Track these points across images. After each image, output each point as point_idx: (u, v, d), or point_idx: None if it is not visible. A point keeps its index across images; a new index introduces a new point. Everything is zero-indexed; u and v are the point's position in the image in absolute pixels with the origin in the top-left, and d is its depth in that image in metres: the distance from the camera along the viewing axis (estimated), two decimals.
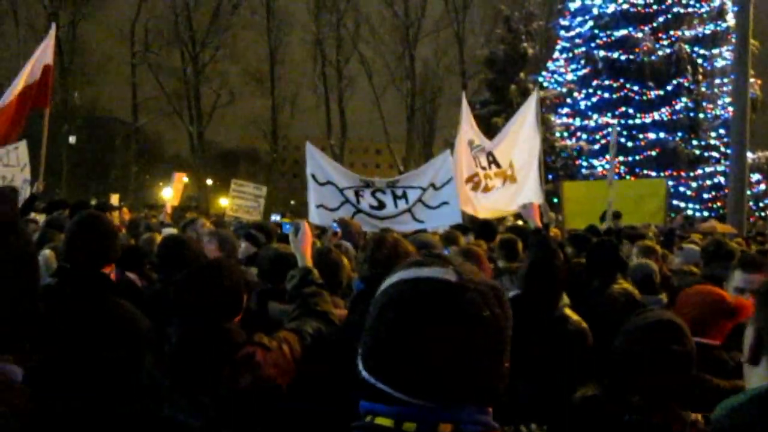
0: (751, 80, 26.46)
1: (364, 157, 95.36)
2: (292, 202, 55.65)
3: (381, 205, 10.71)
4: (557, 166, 32.68)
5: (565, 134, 34.90)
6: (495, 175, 12.53)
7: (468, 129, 12.45)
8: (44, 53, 12.27)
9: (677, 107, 32.66)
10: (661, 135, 32.50)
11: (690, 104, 32.85)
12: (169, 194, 19.61)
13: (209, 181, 55.58)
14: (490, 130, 15.97)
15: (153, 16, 53.72)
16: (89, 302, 3.44)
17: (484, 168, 12.37)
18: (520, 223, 13.97)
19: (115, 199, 19.33)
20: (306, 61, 56.94)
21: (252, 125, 59.76)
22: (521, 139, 12.75)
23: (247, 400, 2.99)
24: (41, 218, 10.71)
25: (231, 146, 74.26)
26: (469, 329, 1.44)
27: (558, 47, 37.75)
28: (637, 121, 32.66)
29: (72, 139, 50.40)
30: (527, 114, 12.91)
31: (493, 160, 12.49)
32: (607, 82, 33.46)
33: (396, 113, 55.37)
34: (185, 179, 20.76)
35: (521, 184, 12.47)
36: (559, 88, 35.86)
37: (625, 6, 33.51)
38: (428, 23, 55.41)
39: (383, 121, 54.35)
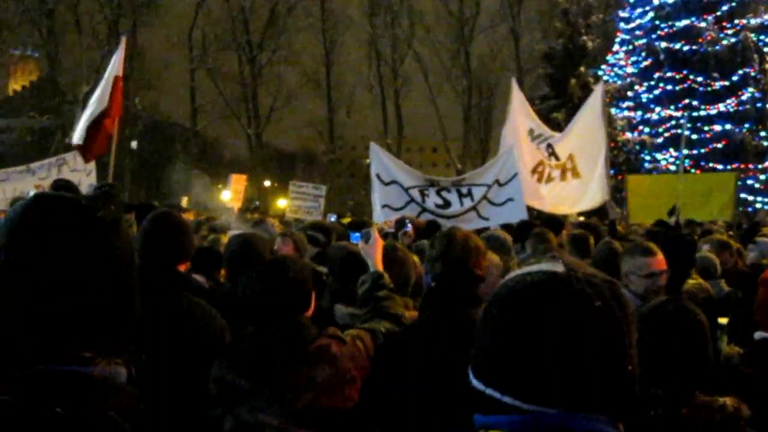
0: None
1: (420, 156, 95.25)
2: (350, 203, 55.78)
3: (446, 204, 10.65)
4: (620, 161, 32.10)
5: (627, 128, 34.28)
6: (555, 166, 12.38)
7: (525, 119, 12.33)
8: (114, 66, 12.52)
9: (743, 98, 31.77)
10: (728, 127, 31.56)
11: (757, 95, 31.95)
12: (227, 197, 19.84)
13: (267, 183, 56.16)
14: (550, 125, 15.75)
15: (210, 21, 54.60)
16: (165, 300, 3.42)
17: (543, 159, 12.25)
18: (582, 219, 13.75)
19: (184, 201, 19.59)
20: (361, 61, 57.22)
21: (308, 126, 60.28)
22: (583, 132, 12.53)
23: (326, 394, 2.92)
24: None
25: (288, 148, 74.96)
26: (580, 322, 1.29)
27: (617, 39, 37.04)
28: (702, 113, 31.79)
29: (134, 144, 51.47)
30: (593, 108, 12.66)
31: (552, 152, 12.33)
32: (669, 74, 32.70)
33: (452, 111, 55.18)
34: (245, 181, 20.92)
35: (586, 179, 12.25)
36: (619, 81, 35.21)
37: None
38: (483, 19, 55.05)
39: (439, 119, 54.18)
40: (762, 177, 31.26)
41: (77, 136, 11.84)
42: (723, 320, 5.70)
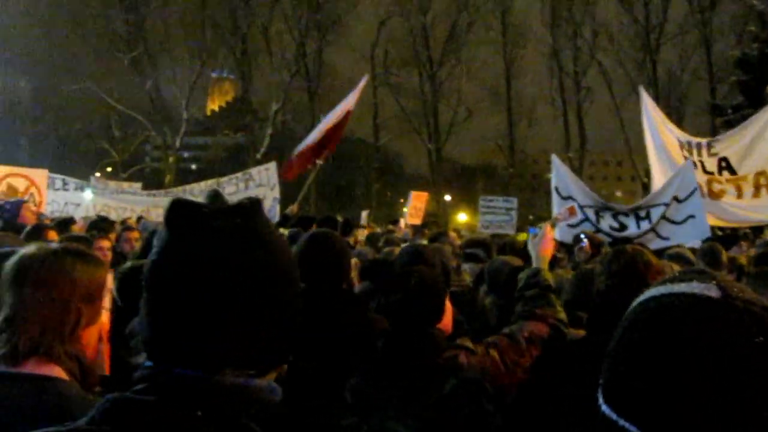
0: None
1: (604, 170, 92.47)
2: (530, 217, 54.97)
3: (622, 227, 10.24)
4: None
5: None
6: (727, 181, 11.56)
7: (673, 129, 11.74)
8: (351, 99, 12.81)
9: None
10: None
11: None
12: (408, 213, 20.05)
13: (448, 198, 56.48)
14: None
15: (392, 38, 55.92)
16: (353, 319, 3.49)
17: (710, 173, 11.49)
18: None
19: (365, 216, 20.03)
20: (542, 74, 56.40)
21: (489, 140, 60.08)
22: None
23: (454, 405, 2.87)
24: (285, 232, 11.29)
25: (468, 162, 75.04)
26: (737, 359, 1.09)
27: None
28: None
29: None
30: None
31: (726, 166, 11.53)
32: None
33: (638, 123, 52.92)
34: (426, 198, 21.01)
35: None
36: None
37: None
38: (671, 26, 52.56)
39: (624, 132, 52.23)
40: None
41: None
42: None
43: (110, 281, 2.29)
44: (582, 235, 8.14)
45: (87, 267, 2.18)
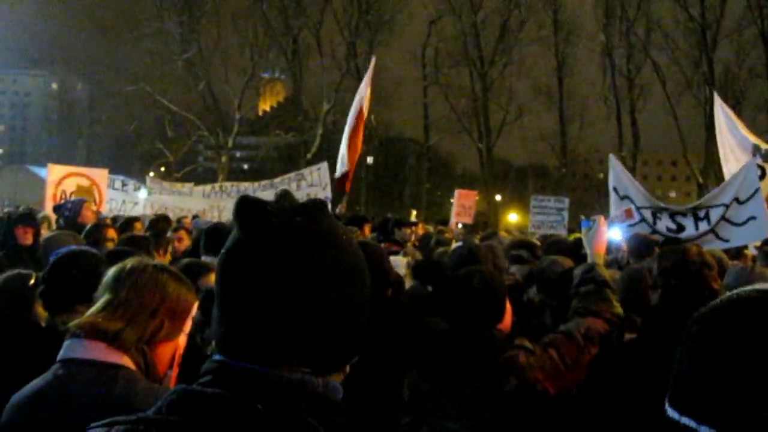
0: None
1: (658, 170, 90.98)
2: (582, 217, 54.30)
3: (680, 228, 10.01)
4: None
5: None
6: None
7: (746, 131, 11.40)
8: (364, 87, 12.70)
9: None
10: None
11: None
12: (455, 212, 19.94)
13: (498, 197, 56.12)
14: None
15: (442, 38, 55.73)
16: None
17: None
18: None
19: (413, 215, 20.03)
20: (595, 72, 55.62)
21: (540, 140, 59.53)
22: None
23: (513, 405, 2.87)
24: None
25: (519, 162, 74.54)
26: None
27: None
28: None
29: (369, 160, 53.60)
30: None
31: None
32: None
33: (693, 122, 51.99)
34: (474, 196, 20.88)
35: None
36: None
37: None
38: (728, 23, 51.36)
39: (679, 131, 51.29)
40: None
41: (339, 167, 12.06)
42: None
43: (195, 308, 2.44)
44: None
45: (178, 287, 2.38)
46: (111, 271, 2.39)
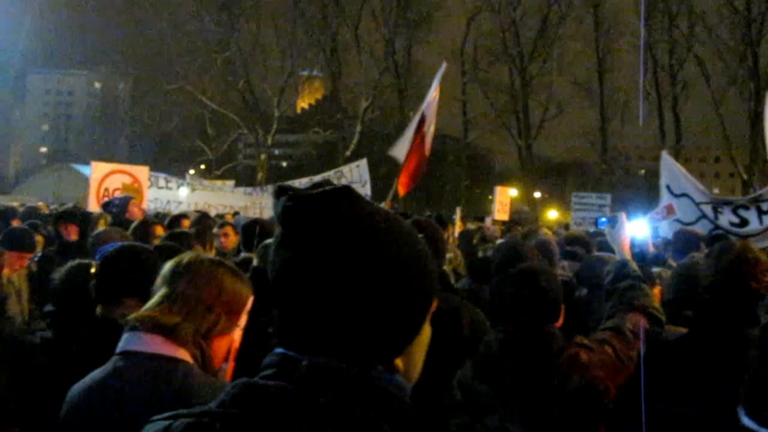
0: None
1: (700, 166, 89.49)
2: (623, 213, 53.57)
3: (743, 222, 9.75)
4: None
5: None
6: None
7: None
8: (433, 93, 12.62)
9: None
10: None
11: None
12: (495, 209, 19.85)
13: (537, 194, 55.74)
14: None
15: (481, 34, 55.38)
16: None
17: None
18: None
19: (457, 212, 19.92)
20: (636, 68, 54.96)
21: (580, 136, 58.97)
22: None
23: (579, 403, 2.84)
24: None
25: (559, 158, 73.91)
26: None
27: None
28: None
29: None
30: None
31: None
32: None
33: (738, 117, 51.04)
34: (513, 192, 20.78)
35: None
36: None
37: None
38: None
39: (723, 127, 50.38)
40: None
41: (399, 151, 11.88)
42: None
43: (250, 303, 2.46)
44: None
45: (235, 281, 2.41)
46: (168, 265, 2.42)
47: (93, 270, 3.20)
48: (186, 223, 8.82)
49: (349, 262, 1.31)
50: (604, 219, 4.56)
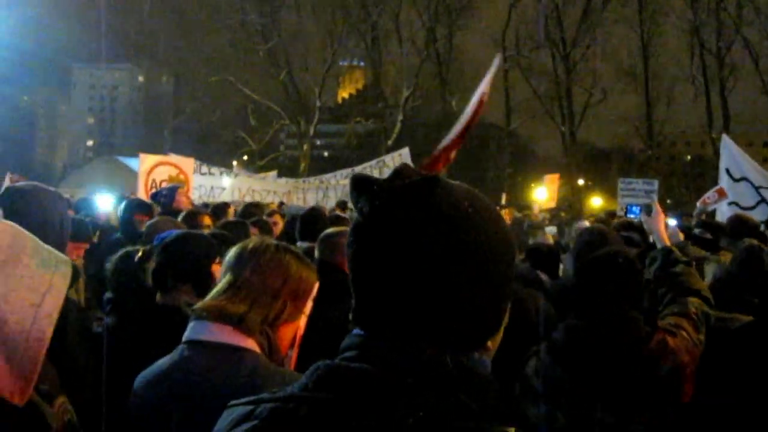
0: None
1: (749, 151, 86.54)
2: (668, 201, 52.97)
3: None
4: None
5: None
6: None
7: None
8: (485, 84, 12.52)
9: None
10: None
11: None
12: (543, 196, 19.76)
13: (581, 182, 55.19)
14: None
15: (523, 20, 54.87)
16: None
17: None
18: None
19: (503, 199, 19.90)
20: (682, 52, 53.85)
21: (625, 122, 58.21)
22: None
23: (670, 389, 2.80)
24: None
25: (603, 145, 73.03)
26: None
27: None
28: None
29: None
30: None
31: None
32: None
33: None
34: (558, 180, 20.74)
35: None
36: None
37: None
38: None
39: None
40: None
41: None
42: None
43: (315, 289, 2.42)
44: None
45: (300, 267, 2.37)
46: (232, 252, 2.38)
47: (139, 255, 3.23)
48: (231, 211, 8.88)
49: (442, 250, 1.29)
50: (636, 207, 4.52)
